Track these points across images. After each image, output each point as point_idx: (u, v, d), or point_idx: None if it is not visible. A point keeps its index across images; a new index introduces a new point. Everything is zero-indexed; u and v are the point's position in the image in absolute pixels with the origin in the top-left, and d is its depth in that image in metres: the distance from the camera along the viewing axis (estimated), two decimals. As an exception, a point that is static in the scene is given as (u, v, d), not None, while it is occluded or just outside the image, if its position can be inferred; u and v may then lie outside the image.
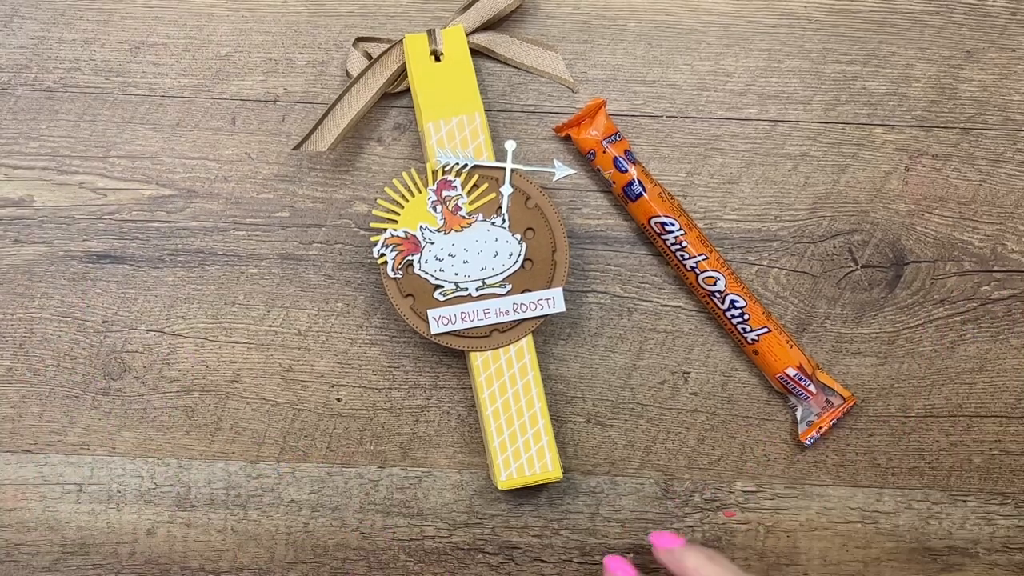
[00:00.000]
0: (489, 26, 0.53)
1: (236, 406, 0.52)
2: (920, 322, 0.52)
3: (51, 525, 0.51)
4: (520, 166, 0.50)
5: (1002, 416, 0.52)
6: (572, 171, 0.50)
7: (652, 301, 0.52)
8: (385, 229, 0.49)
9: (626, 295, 0.52)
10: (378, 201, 0.50)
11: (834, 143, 0.53)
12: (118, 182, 0.53)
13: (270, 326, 0.52)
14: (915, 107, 0.54)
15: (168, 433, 0.52)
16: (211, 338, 0.52)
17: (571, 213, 0.53)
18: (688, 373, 0.52)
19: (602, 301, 0.52)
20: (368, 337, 0.52)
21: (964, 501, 0.52)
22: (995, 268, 0.53)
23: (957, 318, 0.53)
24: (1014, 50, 0.54)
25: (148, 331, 0.52)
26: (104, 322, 0.52)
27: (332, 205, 0.53)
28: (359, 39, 0.53)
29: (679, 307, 0.52)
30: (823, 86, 0.54)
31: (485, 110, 0.51)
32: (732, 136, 0.53)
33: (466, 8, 0.53)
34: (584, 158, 0.52)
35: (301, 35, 0.54)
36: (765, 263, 0.53)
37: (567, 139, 0.53)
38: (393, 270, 0.49)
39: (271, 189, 0.53)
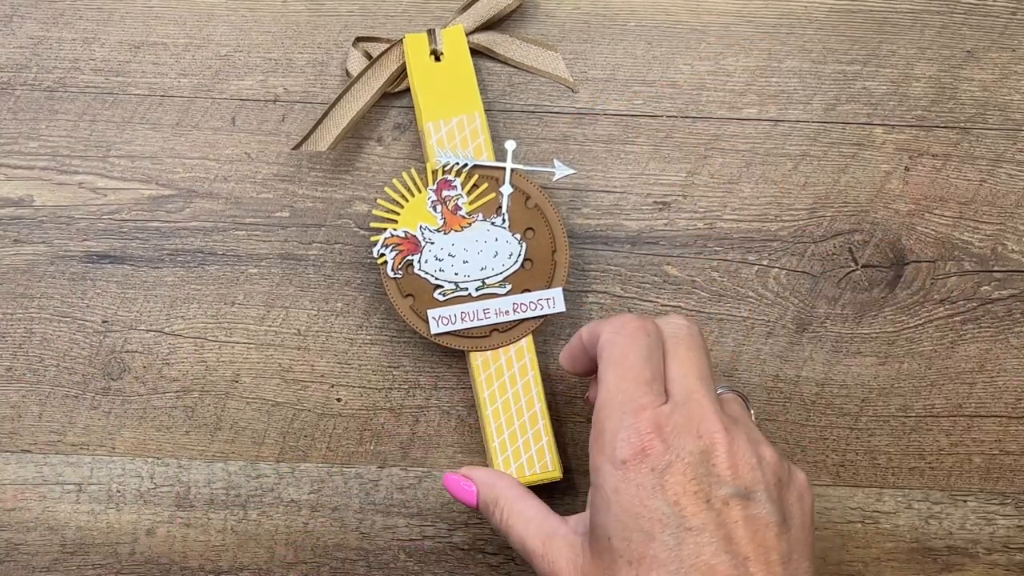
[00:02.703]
0: (489, 26, 0.53)
1: (236, 406, 0.52)
2: (920, 322, 0.52)
3: (51, 525, 0.51)
4: (520, 166, 0.50)
5: (1002, 416, 0.52)
6: (572, 171, 0.50)
7: (652, 301, 0.52)
8: (385, 229, 0.49)
9: (626, 295, 0.52)
10: (378, 201, 0.50)
11: (834, 143, 0.53)
12: (118, 182, 0.53)
13: (270, 326, 0.52)
14: (915, 107, 0.54)
15: (168, 433, 0.52)
16: (211, 338, 0.52)
17: (571, 213, 0.53)
18: (688, 373, 0.52)
19: (602, 301, 0.52)
20: (368, 337, 0.52)
21: (964, 501, 0.52)
22: (995, 268, 0.53)
23: (957, 318, 0.53)
24: (1014, 50, 0.54)
25: (148, 331, 0.52)
26: (104, 322, 0.52)
27: (332, 205, 0.53)
28: (359, 39, 0.53)
29: (679, 307, 0.52)
30: (823, 86, 0.54)
31: (485, 110, 0.51)
32: (732, 136, 0.53)
33: (466, 8, 0.53)
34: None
35: (301, 35, 0.54)
36: (765, 263, 0.53)
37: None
38: (393, 270, 0.49)
39: (271, 189, 0.53)
